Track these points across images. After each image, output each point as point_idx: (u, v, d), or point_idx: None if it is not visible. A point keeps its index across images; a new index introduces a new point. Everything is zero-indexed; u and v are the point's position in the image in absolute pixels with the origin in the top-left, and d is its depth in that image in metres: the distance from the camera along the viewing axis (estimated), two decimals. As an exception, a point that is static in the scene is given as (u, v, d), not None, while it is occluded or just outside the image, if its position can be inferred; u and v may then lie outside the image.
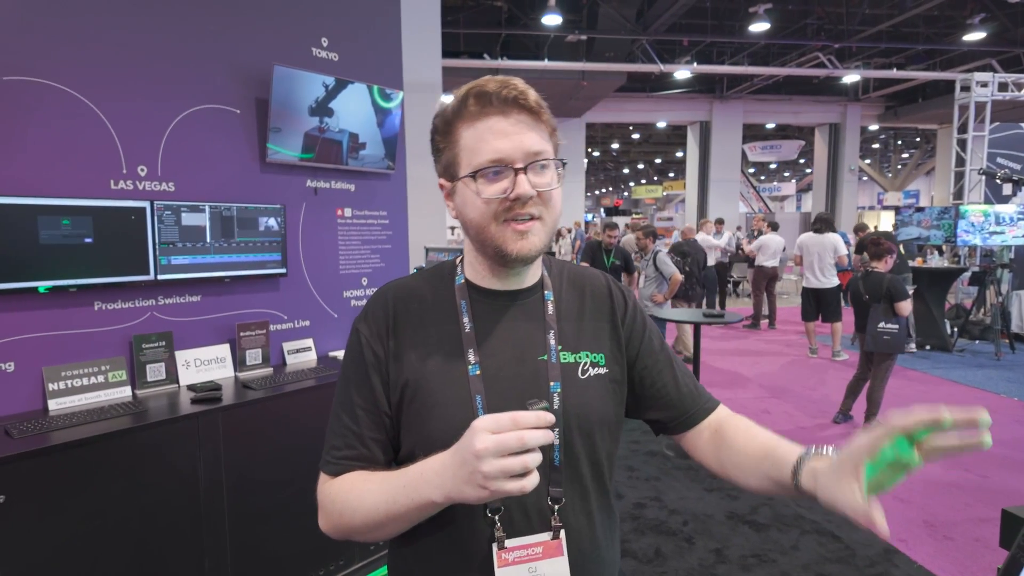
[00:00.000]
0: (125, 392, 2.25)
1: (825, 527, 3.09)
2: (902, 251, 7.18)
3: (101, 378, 2.21)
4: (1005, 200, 9.09)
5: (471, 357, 0.83)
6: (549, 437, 0.67)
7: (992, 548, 2.92)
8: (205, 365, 2.49)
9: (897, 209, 14.13)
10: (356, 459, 0.84)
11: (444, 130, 0.83)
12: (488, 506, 0.80)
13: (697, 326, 4.62)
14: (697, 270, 6.79)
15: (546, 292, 0.92)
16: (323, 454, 0.87)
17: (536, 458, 0.66)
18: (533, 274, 0.91)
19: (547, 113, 0.83)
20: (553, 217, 0.84)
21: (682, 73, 14.07)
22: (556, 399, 0.84)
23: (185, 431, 2.08)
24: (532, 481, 0.66)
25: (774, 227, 8.86)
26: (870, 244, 4.59)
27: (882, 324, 4.34)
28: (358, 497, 0.80)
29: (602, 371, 0.90)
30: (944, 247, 8.43)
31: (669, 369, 0.97)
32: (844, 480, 0.67)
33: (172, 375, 2.39)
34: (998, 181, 7.84)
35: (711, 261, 8.68)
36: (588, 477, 0.87)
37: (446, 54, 7.33)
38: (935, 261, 8.10)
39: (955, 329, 7.54)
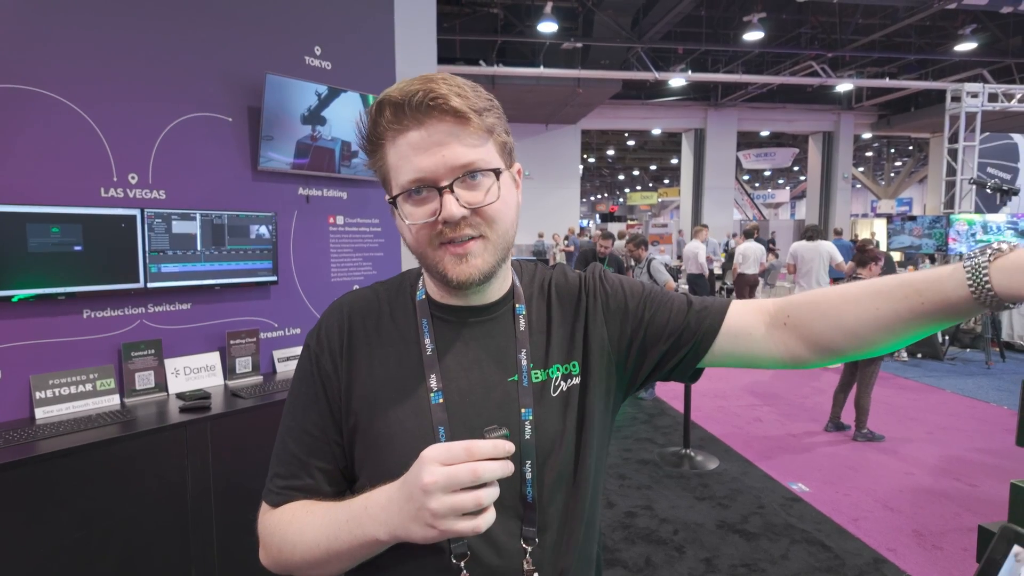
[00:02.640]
0: (113, 400, 2.24)
1: (815, 536, 3.10)
2: (899, 259, 7.25)
3: (89, 386, 2.20)
4: (997, 210, 9.17)
5: (433, 383, 0.75)
6: (508, 469, 0.60)
7: (980, 558, 2.93)
8: (194, 373, 2.48)
9: (890, 217, 14.23)
10: (300, 489, 0.77)
11: (371, 149, 0.73)
12: (453, 551, 0.71)
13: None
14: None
15: (518, 306, 0.81)
16: (267, 481, 0.79)
17: (492, 493, 0.60)
18: (499, 287, 0.80)
19: (478, 116, 0.69)
20: (499, 233, 0.73)
21: (677, 81, 14.15)
22: (528, 427, 0.75)
23: (173, 440, 2.07)
24: (487, 520, 0.60)
25: (749, 235, 8.92)
26: (856, 251, 4.64)
27: None
28: (298, 531, 0.72)
29: (575, 381, 0.80)
30: (936, 255, 8.49)
31: (666, 303, 0.83)
32: None
33: (161, 383, 2.38)
34: (988, 191, 7.91)
35: (696, 269, 8.75)
36: (566, 512, 0.77)
37: (442, 60, 7.36)
38: (927, 270, 8.16)
39: (946, 337, 7.59)
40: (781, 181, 33.80)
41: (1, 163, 2.01)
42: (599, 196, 42.67)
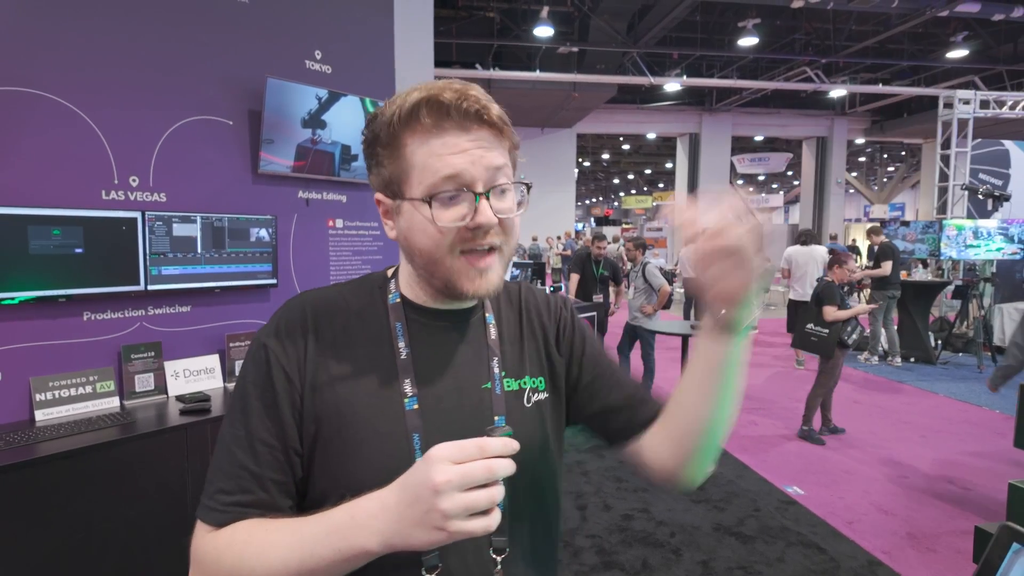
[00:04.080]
0: (113, 403, 2.24)
1: (810, 539, 3.12)
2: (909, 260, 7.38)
3: (89, 388, 2.20)
4: (988, 215, 9.25)
5: (407, 388, 0.72)
6: (513, 467, 0.58)
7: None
8: (194, 376, 2.49)
9: (883, 222, 14.31)
10: (252, 505, 0.68)
11: (388, 141, 0.70)
12: (424, 564, 0.69)
13: (685, 339, 4.67)
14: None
15: (487, 314, 0.82)
16: (203, 498, 0.70)
17: (501, 492, 0.57)
18: None
19: (509, 128, 0.72)
20: (511, 247, 0.74)
21: (672, 86, 14.21)
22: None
23: (173, 442, 2.07)
24: (496, 519, 0.57)
25: None
26: (830, 253, 4.72)
27: (810, 325, 4.45)
28: (258, 551, 0.64)
29: (543, 396, 0.82)
30: (928, 260, 8.56)
31: (612, 373, 0.88)
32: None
33: (161, 386, 2.38)
34: (980, 196, 8.00)
35: (692, 273, 8.79)
36: (534, 521, 0.78)
37: (438, 64, 7.39)
38: (920, 274, 8.21)
39: (939, 342, 7.64)
40: (775, 186, 33.99)
41: (3, 165, 2.01)
42: (594, 200, 42.76)
